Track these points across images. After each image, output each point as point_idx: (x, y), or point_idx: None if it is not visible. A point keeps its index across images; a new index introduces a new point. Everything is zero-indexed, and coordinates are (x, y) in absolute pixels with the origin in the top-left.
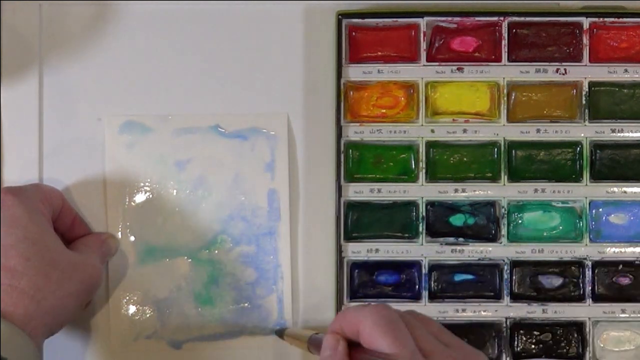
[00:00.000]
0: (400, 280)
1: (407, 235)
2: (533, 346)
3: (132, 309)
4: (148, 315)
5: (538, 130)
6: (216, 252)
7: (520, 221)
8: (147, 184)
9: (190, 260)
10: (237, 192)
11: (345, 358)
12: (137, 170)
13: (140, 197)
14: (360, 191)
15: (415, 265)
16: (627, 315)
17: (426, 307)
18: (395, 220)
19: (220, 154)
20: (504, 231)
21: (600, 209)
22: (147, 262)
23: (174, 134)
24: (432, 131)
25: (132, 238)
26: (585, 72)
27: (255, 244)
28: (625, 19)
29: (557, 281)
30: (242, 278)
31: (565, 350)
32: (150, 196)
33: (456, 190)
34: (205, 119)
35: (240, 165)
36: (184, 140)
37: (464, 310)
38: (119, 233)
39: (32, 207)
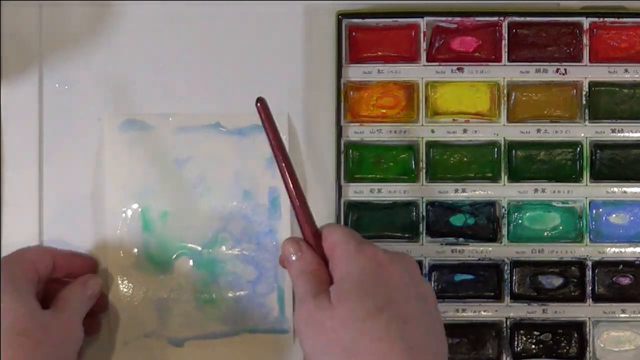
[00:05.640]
0: None
1: (407, 235)
2: (533, 346)
3: (131, 307)
4: (148, 314)
5: (538, 130)
6: (217, 250)
7: (520, 221)
8: (147, 182)
9: (191, 259)
10: (237, 190)
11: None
12: (137, 168)
13: (140, 195)
14: (360, 191)
15: None
16: (627, 315)
17: None
18: (395, 220)
19: (220, 152)
20: (504, 231)
21: (600, 209)
22: (147, 261)
23: (175, 132)
24: (432, 131)
25: (133, 237)
26: (585, 72)
27: (256, 242)
28: (625, 19)
29: (557, 281)
30: (243, 276)
31: (565, 350)
32: (151, 194)
33: (456, 190)
34: (205, 117)
35: (240, 162)
36: (184, 139)
37: (464, 310)
38: (119, 231)
39: (9, 276)
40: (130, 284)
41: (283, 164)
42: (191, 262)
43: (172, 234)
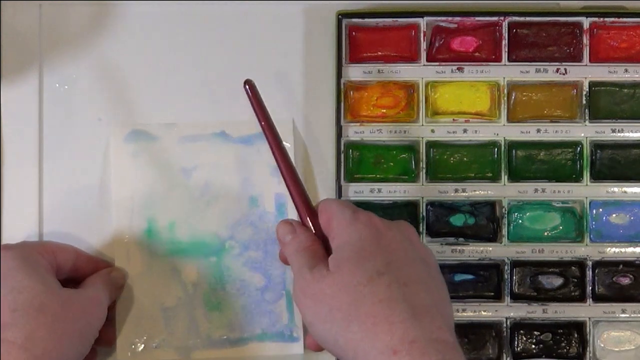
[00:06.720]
0: None
1: None
2: (533, 346)
3: (139, 317)
4: (156, 324)
5: (538, 130)
6: (225, 258)
7: (520, 221)
8: (154, 192)
9: (198, 267)
10: (244, 198)
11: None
12: (144, 178)
13: (147, 205)
14: (360, 191)
15: None
16: (627, 315)
17: None
18: (395, 220)
19: (226, 160)
20: (504, 231)
21: (600, 209)
22: (154, 270)
23: (180, 141)
24: (432, 131)
25: (140, 246)
26: (585, 72)
27: (264, 249)
28: (625, 19)
29: (557, 281)
30: (251, 283)
31: (565, 350)
32: (157, 204)
33: (456, 190)
34: (210, 126)
35: (246, 170)
36: (190, 148)
37: (464, 310)
38: (126, 241)
39: (25, 257)
40: (137, 293)
41: (274, 145)
42: (199, 271)
43: (179, 242)
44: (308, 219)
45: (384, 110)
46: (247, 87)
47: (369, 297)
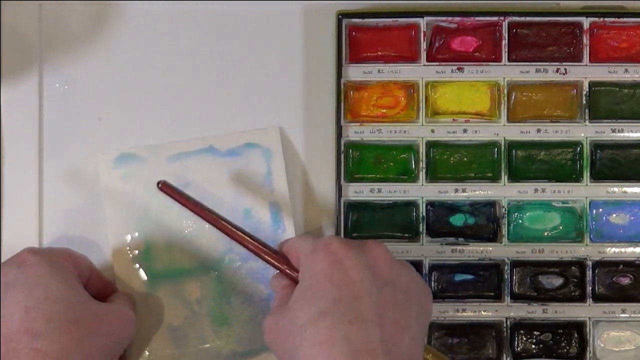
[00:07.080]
0: None
1: (407, 235)
2: (533, 346)
3: (147, 339)
4: (164, 345)
5: (538, 130)
6: (226, 272)
7: (520, 221)
8: (148, 213)
9: (200, 283)
10: (238, 210)
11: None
12: (136, 201)
13: (143, 227)
14: (360, 191)
15: (415, 265)
16: (627, 315)
17: None
18: (395, 220)
19: (216, 175)
20: (504, 231)
21: (600, 209)
22: (157, 290)
23: (169, 160)
24: (432, 131)
25: (140, 268)
26: (585, 72)
27: None
28: (625, 19)
29: (557, 281)
30: (255, 295)
31: (565, 350)
32: (153, 224)
33: (456, 190)
34: (198, 142)
35: (238, 182)
36: (179, 165)
37: (464, 310)
38: (126, 264)
39: (55, 264)
40: (143, 314)
41: (217, 221)
42: (201, 287)
43: (178, 261)
44: (281, 265)
45: (384, 110)
46: (160, 186)
47: (310, 338)
